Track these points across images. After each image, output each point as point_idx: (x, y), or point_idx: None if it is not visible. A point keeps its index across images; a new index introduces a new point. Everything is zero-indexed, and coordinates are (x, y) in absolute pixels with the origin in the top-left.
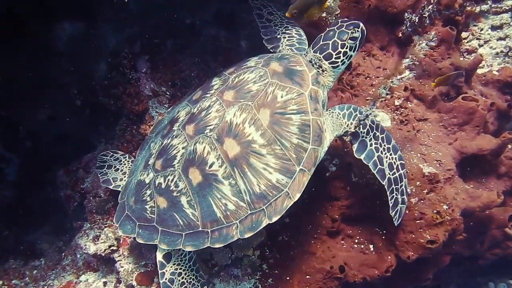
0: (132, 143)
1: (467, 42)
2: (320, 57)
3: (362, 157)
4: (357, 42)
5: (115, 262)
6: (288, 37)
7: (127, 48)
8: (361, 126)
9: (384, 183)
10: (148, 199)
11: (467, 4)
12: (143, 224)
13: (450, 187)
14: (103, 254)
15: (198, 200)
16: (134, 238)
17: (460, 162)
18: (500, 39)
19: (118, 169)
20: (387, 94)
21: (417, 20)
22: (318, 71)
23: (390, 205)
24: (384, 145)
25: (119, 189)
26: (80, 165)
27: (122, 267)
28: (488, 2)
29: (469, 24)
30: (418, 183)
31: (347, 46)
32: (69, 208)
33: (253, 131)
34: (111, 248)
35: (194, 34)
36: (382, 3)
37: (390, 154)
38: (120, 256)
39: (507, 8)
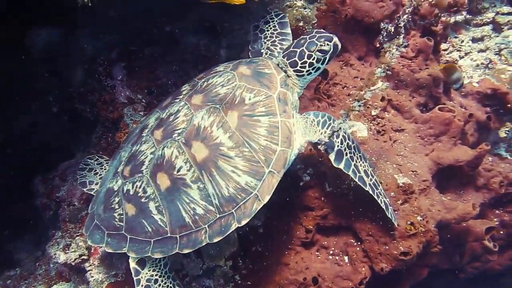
0: (108, 150)
1: (448, 53)
2: (286, 62)
3: (341, 166)
4: (327, 56)
5: (86, 272)
6: (270, 52)
7: (103, 55)
8: (335, 136)
9: (367, 189)
10: (117, 206)
11: (442, 14)
12: (112, 232)
13: (425, 198)
14: (73, 264)
15: (166, 205)
16: None
17: (436, 173)
18: (481, 51)
19: (97, 173)
20: (359, 106)
21: (393, 30)
22: (286, 75)
23: (384, 207)
24: (357, 154)
25: (93, 193)
26: (56, 173)
27: (93, 277)
28: (463, 13)
29: (448, 35)
30: (392, 193)
31: (314, 57)
32: (45, 217)
33: (221, 133)
34: (81, 258)
35: (173, 42)
36: (359, 13)
37: (363, 162)
38: (90, 265)
39: (488, 20)
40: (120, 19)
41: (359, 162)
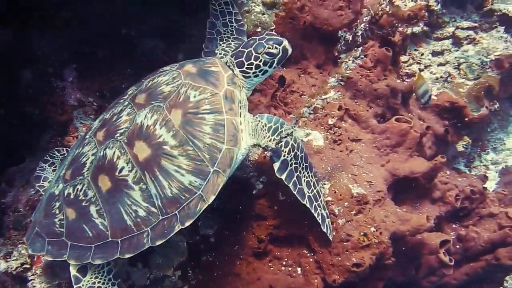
0: None
1: (408, 65)
2: (234, 62)
3: (283, 177)
4: (275, 59)
5: (28, 281)
6: (224, 53)
7: (54, 56)
8: (283, 144)
9: (305, 202)
10: (57, 211)
11: (400, 25)
12: (52, 239)
13: (380, 209)
14: (14, 273)
15: (107, 208)
16: None
17: (392, 184)
18: (440, 64)
19: (56, 169)
20: (309, 113)
21: (350, 39)
22: (234, 73)
23: (320, 221)
24: (303, 164)
25: (42, 191)
26: (3, 178)
27: (35, 286)
28: (420, 24)
29: (408, 46)
30: (346, 203)
31: (261, 60)
32: None
33: (164, 132)
34: (23, 266)
35: (130, 45)
36: (318, 21)
37: (308, 173)
38: (33, 275)
39: (448, 34)
40: (74, 20)
41: (303, 173)
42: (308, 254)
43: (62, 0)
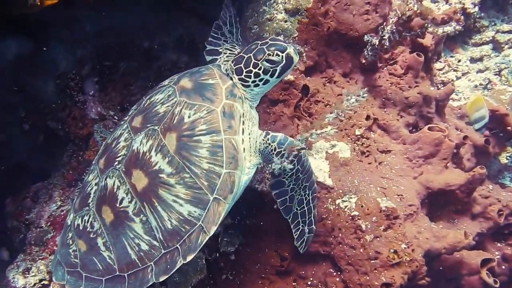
0: (78, 170)
1: (443, 73)
2: (233, 68)
3: (273, 193)
4: (276, 68)
5: None
6: (229, 53)
7: (75, 69)
8: (287, 168)
9: (287, 218)
10: (71, 242)
11: (429, 25)
12: (70, 269)
13: (412, 224)
14: None
15: (113, 241)
16: None
17: (426, 198)
18: (479, 71)
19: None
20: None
21: (377, 43)
22: (234, 83)
23: (295, 237)
24: (302, 185)
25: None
26: (28, 194)
27: None
28: (452, 24)
29: (441, 52)
30: (374, 218)
31: (261, 67)
32: (15, 240)
33: (160, 159)
34: (42, 283)
35: (151, 57)
36: (343, 26)
37: (305, 192)
38: None
39: (488, 39)
40: (96, 33)
41: (298, 192)
42: (334, 273)
43: (83, 14)
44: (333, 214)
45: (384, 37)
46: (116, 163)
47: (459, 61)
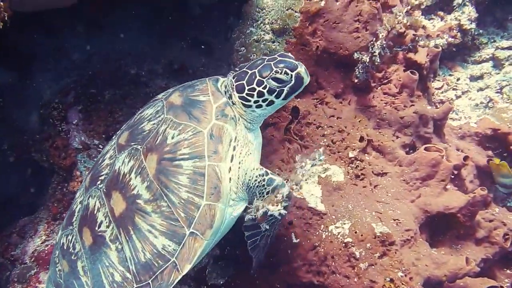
0: (63, 202)
1: (442, 92)
2: (233, 85)
3: (247, 234)
4: (284, 88)
5: None
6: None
7: (58, 98)
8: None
9: (249, 248)
10: (57, 260)
11: (420, 39)
12: None
13: (409, 250)
14: None
15: (90, 266)
16: None
17: (425, 222)
18: (480, 89)
19: None
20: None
21: (368, 60)
22: (229, 101)
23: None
24: (276, 226)
25: None
26: (15, 230)
27: None
28: (444, 36)
29: (437, 69)
30: (368, 245)
31: (266, 86)
32: (1, 278)
33: (139, 182)
34: None
35: (139, 84)
36: (332, 45)
37: (272, 231)
38: None
39: (488, 56)
40: (82, 61)
41: (267, 234)
42: None
43: (71, 42)
44: (325, 242)
45: (374, 54)
46: (99, 182)
47: (458, 79)
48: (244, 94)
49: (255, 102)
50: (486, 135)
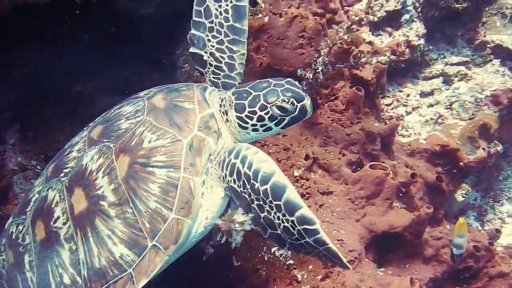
0: None
1: (392, 108)
2: (233, 102)
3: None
4: (285, 118)
5: None
6: (216, 65)
7: None
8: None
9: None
10: (2, 249)
11: (362, 55)
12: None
13: (353, 272)
14: None
15: (38, 262)
16: None
17: (371, 242)
18: (430, 105)
19: None
20: None
21: (310, 77)
22: (215, 114)
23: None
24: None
25: None
26: None
27: None
28: (387, 53)
29: (385, 85)
30: (310, 267)
31: (269, 112)
32: None
33: (106, 183)
34: None
35: (83, 102)
36: (276, 61)
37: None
38: None
39: (438, 72)
40: (23, 79)
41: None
42: None
43: (13, 59)
44: (267, 264)
45: (317, 70)
46: (63, 174)
47: (408, 95)
48: (243, 115)
49: (253, 125)
50: (435, 151)
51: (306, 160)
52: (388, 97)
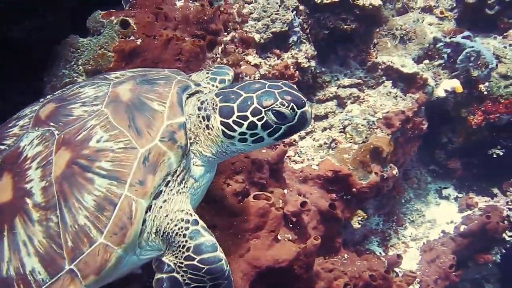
0: None
1: None
2: (217, 105)
3: None
4: (282, 126)
5: None
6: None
7: None
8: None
9: None
10: None
11: (247, 77)
12: None
13: None
14: None
15: None
16: None
17: (258, 279)
18: (324, 129)
19: None
20: None
21: None
22: (198, 121)
23: None
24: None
25: None
26: None
27: None
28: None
29: None
30: None
31: (263, 118)
32: None
33: (37, 177)
34: None
35: None
36: None
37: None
38: None
39: (332, 95)
40: None
41: None
42: None
43: None
44: None
45: None
46: None
47: None
48: (229, 121)
49: (241, 134)
50: (328, 177)
51: None
52: None
